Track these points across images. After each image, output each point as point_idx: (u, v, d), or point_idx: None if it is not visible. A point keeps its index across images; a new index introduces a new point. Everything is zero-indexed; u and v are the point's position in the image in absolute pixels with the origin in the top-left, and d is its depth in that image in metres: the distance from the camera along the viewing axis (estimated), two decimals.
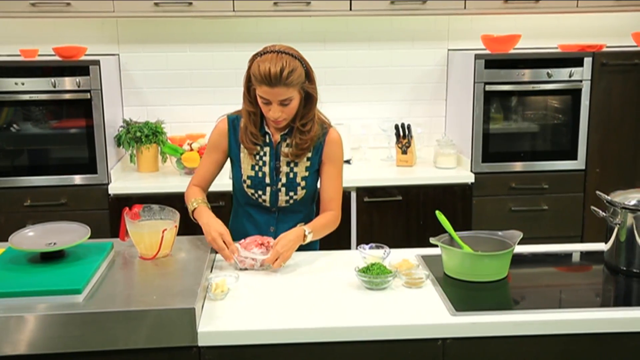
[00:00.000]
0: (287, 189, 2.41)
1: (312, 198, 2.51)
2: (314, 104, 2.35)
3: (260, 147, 2.42)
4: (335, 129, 2.44)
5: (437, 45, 4.10)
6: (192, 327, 1.80)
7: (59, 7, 3.53)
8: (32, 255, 2.06)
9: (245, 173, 2.45)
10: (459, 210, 3.69)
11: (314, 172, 2.43)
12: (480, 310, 1.93)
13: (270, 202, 2.45)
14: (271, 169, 2.41)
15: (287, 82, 2.22)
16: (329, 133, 2.41)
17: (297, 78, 2.25)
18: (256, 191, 2.45)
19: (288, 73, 2.22)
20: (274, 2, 3.62)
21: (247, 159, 2.45)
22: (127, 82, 3.98)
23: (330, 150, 2.41)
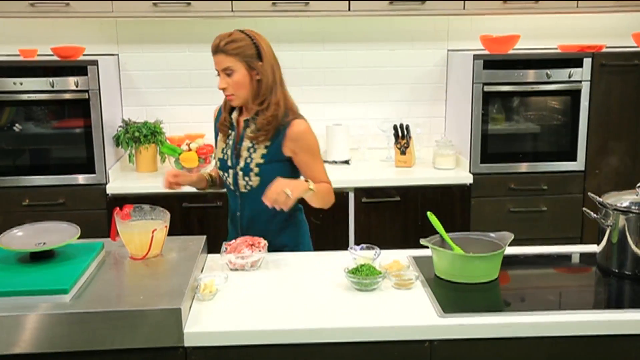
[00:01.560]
0: (244, 173, 2.44)
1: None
2: (270, 85, 2.36)
3: (230, 131, 2.49)
4: (303, 119, 2.41)
5: (436, 45, 4.09)
6: (179, 328, 1.80)
7: (58, 7, 3.54)
8: (21, 255, 2.06)
9: (217, 156, 2.56)
10: (457, 211, 3.68)
11: (270, 161, 2.41)
12: (468, 312, 1.91)
13: (233, 185, 2.50)
14: (232, 152, 2.46)
15: (224, 49, 2.30)
16: (291, 125, 2.37)
17: (237, 49, 2.30)
18: (223, 173, 2.53)
19: (227, 42, 2.30)
20: (272, 2, 3.62)
21: (220, 142, 2.55)
22: (126, 82, 3.98)
23: (298, 144, 2.38)
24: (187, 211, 3.53)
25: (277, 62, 2.40)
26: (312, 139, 2.41)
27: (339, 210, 3.59)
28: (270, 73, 2.35)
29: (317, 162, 2.43)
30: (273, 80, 2.36)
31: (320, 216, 3.57)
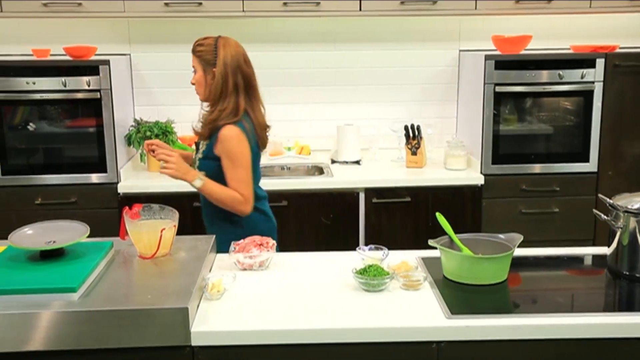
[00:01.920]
0: (194, 166, 2.63)
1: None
2: (217, 91, 2.51)
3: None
4: (234, 126, 2.51)
5: (448, 45, 4.08)
6: (186, 327, 1.81)
7: (71, 7, 3.56)
8: (32, 254, 2.08)
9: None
10: (468, 212, 3.67)
11: (206, 158, 2.58)
12: (476, 314, 1.90)
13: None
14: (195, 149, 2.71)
15: (193, 49, 2.58)
16: (222, 128, 2.50)
17: (199, 52, 2.55)
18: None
19: (196, 45, 2.57)
20: (283, 2, 3.62)
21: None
22: (138, 81, 4.00)
23: (222, 146, 2.52)
24: (198, 211, 3.52)
25: (238, 73, 2.53)
26: (234, 146, 2.50)
27: (350, 210, 3.59)
28: (220, 81, 2.50)
29: (235, 169, 2.52)
30: (223, 88, 2.51)
31: (331, 216, 3.58)
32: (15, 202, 3.54)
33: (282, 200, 3.54)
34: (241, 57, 2.54)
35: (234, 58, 2.51)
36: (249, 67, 2.57)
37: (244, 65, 2.55)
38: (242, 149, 2.51)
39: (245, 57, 2.58)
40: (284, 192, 3.55)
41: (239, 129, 2.51)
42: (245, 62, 2.56)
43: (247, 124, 2.55)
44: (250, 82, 2.57)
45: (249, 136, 2.55)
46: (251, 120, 2.57)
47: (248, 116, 2.57)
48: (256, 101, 2.61)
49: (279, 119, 4.07)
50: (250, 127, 2.56)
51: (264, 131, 2.65)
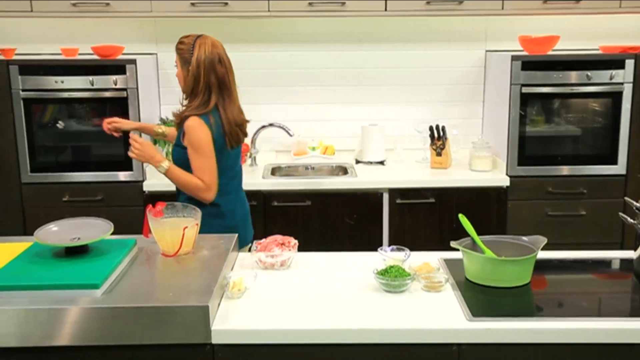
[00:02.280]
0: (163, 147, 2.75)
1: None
2: (189, 88, 2.63)
3: None
4: (197, 117, 2.59)
5: (474, 46, 4.05)
6: (206, 325, 1.82)
7: (99, 7, 3.61)
8: (57, 250, 2.10)
9: None
10: (493, 214, 3.64)
11: (177, 145, 2.71)
12: (498, 316, 1.89)
13: None
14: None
15: (176, 47, 2.69)
16: (187, 119, 2.60)
17: (179, 50, 2.66)
18: None
19: (178, 43, 2.68)
20: (309, 2, 3.62)
21: None
22: (164, 80, 4.04)
23: (187, 136, 2.61)
24: None
25: (211, 72, 2.60)
26: (197, 135, 2.58)
27: (373, 211, 3.58)
28: (191, 79, 2.61)
29: (198, 158, 2.60)
30: (195, 85, 2.60)
31: (354, 217, 3.57)
32: (44, 199, 3.59)
33: (305, 200, 3.54)
34: (216, 57, 2.61)
35: (208, 58, 2.59)
36: (223, 67, 2.63)
37: (218, 66, 2.61)
38: (204, 137, 2.58)
39: (222, 57, 2.63)
40: (307, 192, 3.56)
41: (201, 120, 2.59)
42: (220, 62, 2.62)
43: (212, 118, 2.61)
44: (224, 81, 2.63)
45: (212, 129, 2.60)
46: (220, 116, 2.63)
47: (217, 112, 2.63)
48: (229, 99, 2.66)
49: (303, 118, 4.09)
50: (216, 122, 2.61)
51: (235, 128, 2.68)
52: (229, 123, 2.63)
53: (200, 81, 2.59)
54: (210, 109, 2.61)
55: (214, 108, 2.62)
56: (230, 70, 2.66)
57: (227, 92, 2.65)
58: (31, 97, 3.51)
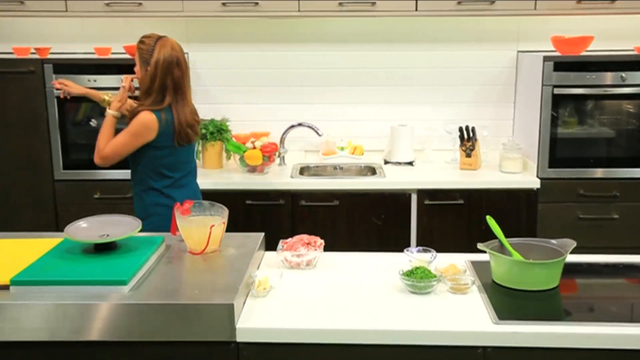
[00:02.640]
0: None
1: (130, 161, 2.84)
2: (145, 87, 2.71)
3: None
4: (150, 112, 2.68)
5: (505, 46, 4.01)
6: (231, 323, 1.83)
7: (132, 7, 3.65)
8: (86, 246, 2.14)
9: None
10: (523, 217, 3.59)
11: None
12: (524, 320, 1.87)
13: None
14: None
15: (137, 45, 2.75)
16: (140, 112, 2.69)
17: (139, 49, 2.73)
18: None
19: (139, 42, 2.74)
20: (339, 2, 3.62)
21: None
22: (195, 80, 4.07)
23: (133, 120, 2.70)
24: (250, 208, 3.57)
25: (167, 75, 2.69)
26: (139, 125, 2.68)
27: (401, 211, 3.57)
28: (148, 79, 2.69)
29: (123, 136, 2.71)
30: (151, 85, 2.69)
31: (382, 217, 3.56)
32: (76, 196, 3.65)
33: (333, 199, 3.54)
34: (174, 60, 2.69)
35: (167, 60, 2.68)
36: (180, 70, 2.72)
37: (176, 68, 2.70)
38: (142, 134, 2.69)
39: (180, 60, 2.72)
40: (335, 192, 3.56)
41: (154, 116, 2.68)
42: (178, 65, 2.71)
43: (164, 115, 2.70)
44: (179, 83, 2.72)
45: (161, 125, 2.69)
46: (172, 115, 2.72)
47: (170, 111, 2.71)
48: (183, 101, 2.75)
49: (332, 118, 4.09)
50: (167, 120, 2.70)
51: (186, 129, 2.76)
52: (179, 124, 2.73)
53: (156, 81, 2.68)
54: (163, 107, 2.70)
55: (167, 107, 2.71)
56: (186, 73, 2.77)
57: (181, 94, 2.74)
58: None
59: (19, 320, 1.84)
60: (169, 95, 2.71)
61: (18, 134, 3.60)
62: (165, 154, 2.76)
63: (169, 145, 2.75)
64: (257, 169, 3.69)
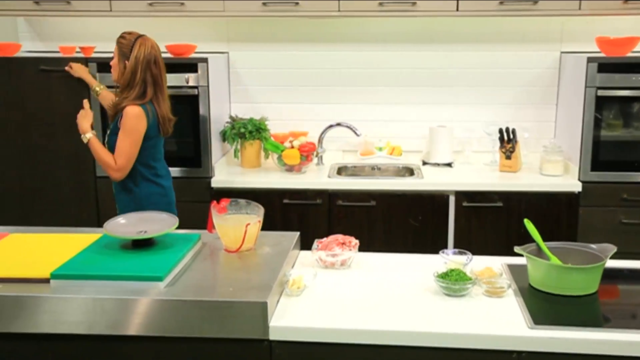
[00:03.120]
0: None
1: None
2: (125, 81, 2.87)
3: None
4: (137, 106, 2.84)
5: (548, 47, 3.95)
6: (264, 321, 1.84)
7: (174, 7, 3.70)
8: (124, 242, 2.17)
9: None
10: (563, 221, 3.53)
11: (113, 134, 2.92)
12: (561, 325, 1.84)
13: None
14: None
15: (117, 40, 2.91)
16: (126, 107, 2.84)
17: (119, 44, 2.89)
18: None
19: (120, 37, 2.90)
20: (379, 2, 3.61)
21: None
22: (234, 79, 4.11)
23: (122, 120, 2.84)
24: (287, 207, 3.59)
25: (147, 70, 2.85)
26: (131, 121, 2.83)
27: (439, 213, 3.54)
28: (129, 73, 2.85)
29: (123, 140, 2.84)
30: (131, 79, 2.85)
31: (419, 218, 3.54)
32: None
33: (370, 200, 3.54)
34: (152, 58, 2.86)
35: (146, 58, 2.85)
36: (157, 69, 2.89)
37: (153, 66, 2.87)
38: (138, 126, 2.84)
39: (157, 59, 2.89)
40: (372, 192, 3.55)
41: (141, 108, 2.85)
42: (155, 63, 2.88)
43: (149, 107, 2.88)
44: (157, 80, 2.89)
45: (149, 117, 2.87)
46: (154, 107, 2.89)
47: (152, 104, 2.89)
48: (162, 97, 2.93)
49: (371, 118, 4.09)
50: (152, 111, 2.88)
51: (166, 122, 2.95)
52: (162, 116, 2.92)
53: (137, 76, 2.85)
54: (147, 101, 2.87)
55: (150, 101, 2.89)
56: (163, 71, 2.93)
57: (159, 90, 2.91)
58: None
59: (58, 313, 1.88)
60: (150, 89, 2.88)
61: (63, 131, 3.68)
62: (152, 145, 2.94)
63: (156, 135, 2.94)
64: (295, 168, 3.71)
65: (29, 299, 1.88)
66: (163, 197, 3.02)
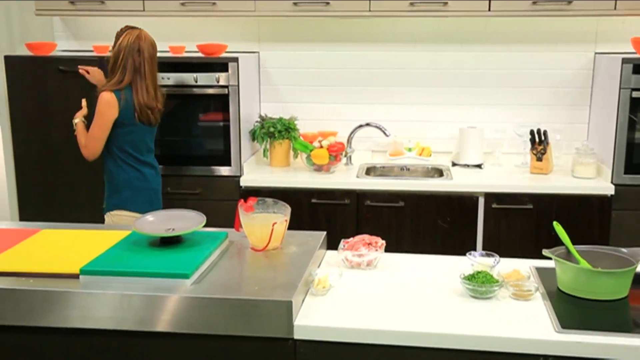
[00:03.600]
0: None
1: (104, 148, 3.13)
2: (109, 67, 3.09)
3: None
4: (109, 92, 3.02)
5: (582, 48, 3.89)
6: (289, 320, 1.85)
7: (206, 7, 3.73)
8: (153, 239, 2.20)
9: None
10: (595, 224, 3.48)
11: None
12: (589, 330, 1.81)
13: None
14: None
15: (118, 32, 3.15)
16: (101, 93, 3.04)
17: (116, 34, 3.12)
18: None
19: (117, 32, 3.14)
20: (410, 2, 3.60)
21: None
22: (265, 78, 4.12)
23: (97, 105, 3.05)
24: (315, 207, 3.60)
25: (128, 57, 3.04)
26: (101, 106, 3.02)
27: (468, 214, 3.51)
28: (112, 59, 3.08)
29: (94, 127, 3.05)
30: (112, 65, 3.07)
31: (448, 220, 3.52)
32: None
33: (399, 200, 3.53)
34: (136, 47, 3.05)
35: (129, 46, 3.05)
36: (140, 57, 3.06)
37: (136, 54, 3.05)
38: (106, 112, 3.02)
39: (142, 49, 3.06)
40: (401, 193, 3.54)
41: (112, 94, 3.02)
42: (139, 52, 3.06)
43: (123, 95, 3.03)
44: (138, 69, 3.06)
45: (121, 103, 3.03)
46: (131, 94, 3.05)
47: (130, 90, 3.06)
48: (142, 84, 3.07)
49: (400, 119, 4.07)
50: (127, 98, 3.04)
51: (145, 109, 3.09)
52: (138, 103, 3.06)
53: (118, 62, 3.04)
54: (122, 87, 3.04)
55: (128, 87, 3.05)
56: (147, 61, 3.08)
57: (140, 78, 3.07)
58: None
59: (87, 308, 1.91)
60: (129, 75, 3.04)
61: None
62: (127, 132, 3.08)
63: (131, 122, 3.07)
64: (324, 168, 3.71)
65: (58, 294, 1.91)
66: (142, 182, 3.16)
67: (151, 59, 3.10)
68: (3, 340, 1.99)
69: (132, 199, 3.12)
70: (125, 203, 3.12)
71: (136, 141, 3.12)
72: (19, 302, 1.93)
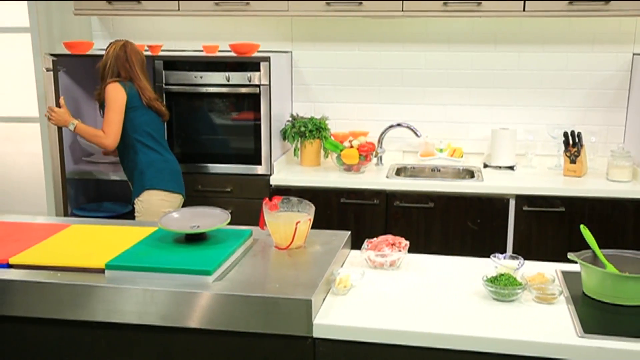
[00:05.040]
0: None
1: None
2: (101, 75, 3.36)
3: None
4: (114, 82, 3.29)
5: (620, 48, 3.81)
6: (309, 318, 1.85)
7: (239, 7, 3.76)
8: (178, 236, 2.23)
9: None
10: (629, 228, 3.40)
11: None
12: (612, 335, 1.78)
13: None
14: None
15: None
16: (105, 87, 3.29)
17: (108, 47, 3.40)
18: None
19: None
20: (443, 2, 3.57)
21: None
22: (297, 78, 4.14)
23: (105, 96, 3.29)
24: (345, 207, 3.60)
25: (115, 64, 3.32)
26: (110, 93, 3.27)
27: (498, 216, 3.48)
28: (101, 66, 3.35)
29: (107, 113, 3.28)
30: (102, 71, 3.35)
31: (478, 221, 3.49)
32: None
33: (428, 201, 3.51)
34: (122, 53, 3.32)
35: (115, 53, 3.32)
36: (127, 62, 3.32)
37: (123, 60, 3.32)
38: (116, 96, 3.26)
39: (127, 54, 3.33)
40: (430, 194, 3.52)
41: (117, 82, 3.29)
42: (126, 56, 3.33)
43: (127, 83, 3.31)
44: (129, 73, 3.32)
45: (125, 87, 3.29)
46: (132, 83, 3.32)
47: (132, 84, 3.33)
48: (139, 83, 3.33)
49: (432, 119, 4.05)
50: (130, 86, 3.31)
51: (154, 101, 3.38)
52: (139, 87, 3.31)
53: (107, 67, 3.32)
54: (121, 79, 3.29)
55: (130, 80, 3.32)
56: (136, 64, 3.34)
57: (133, 75, 3.33)
58: (173, 91, 3.73)
59: (112, 302, 1.95)
60: (123, 72, 3.31)
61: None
62: (140, 114, 3.33)
63: (140, 106, 3.32)
64: (354, 167, 3.71)
65: (84, 288, 1.95)
66: (163, 163, 3.38)
67: (140, 62, 3.37)
68: (31, 332, 2.04)
69: (157, 177, 3.33)
70: (151, 181, 3.32)
71: (152, 122, 3.36)
72: (46, 295, 1.98)
